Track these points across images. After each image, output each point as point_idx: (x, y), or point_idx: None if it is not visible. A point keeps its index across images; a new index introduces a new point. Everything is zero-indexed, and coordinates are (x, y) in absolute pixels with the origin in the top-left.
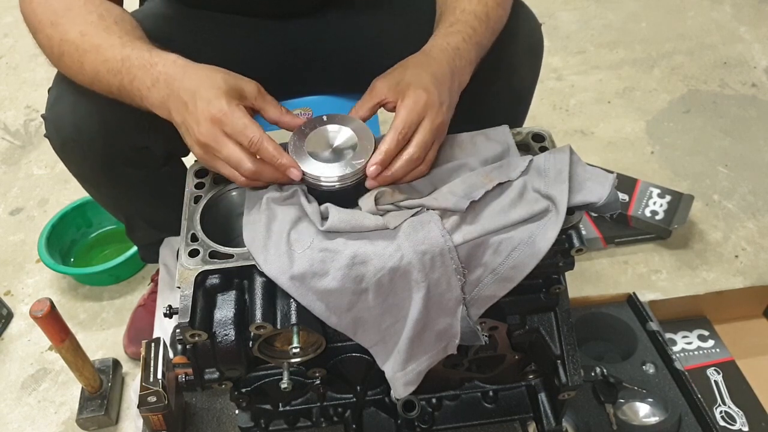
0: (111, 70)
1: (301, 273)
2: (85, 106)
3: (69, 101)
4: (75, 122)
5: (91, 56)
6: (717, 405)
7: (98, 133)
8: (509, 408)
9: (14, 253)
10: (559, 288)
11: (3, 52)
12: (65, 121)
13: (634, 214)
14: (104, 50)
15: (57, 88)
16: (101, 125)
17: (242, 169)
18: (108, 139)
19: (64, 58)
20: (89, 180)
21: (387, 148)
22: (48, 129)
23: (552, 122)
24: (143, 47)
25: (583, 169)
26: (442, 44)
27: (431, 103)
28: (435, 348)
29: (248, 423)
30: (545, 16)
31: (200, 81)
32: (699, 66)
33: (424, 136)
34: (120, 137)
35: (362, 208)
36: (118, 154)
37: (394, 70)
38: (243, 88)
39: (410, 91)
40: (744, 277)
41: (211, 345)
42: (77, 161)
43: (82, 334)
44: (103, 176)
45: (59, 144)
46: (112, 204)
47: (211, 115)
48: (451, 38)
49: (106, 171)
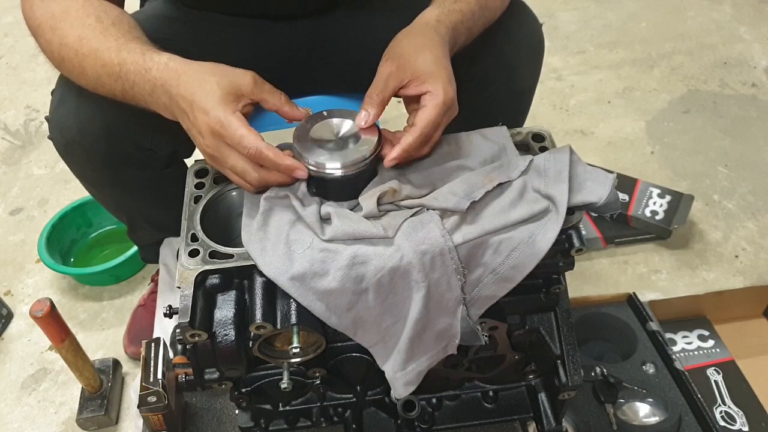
0: (111, 74)
1: (301, 273)
2: (89, 109)
3: (72, 103)
4: (79, 124)
5: (90, 61)
6: (717, 405)
7: (102, 135)
8: (509, 408)
9: (14, 253)
10: (559, 288)
11: (3, 52)
12: (69, 123)
13: (634, 214)
14: (102, 54)
15: (60, 89)
16: (105, 127)
17: (248, 178)
18: (112, 141)
19: (65, 62)
20: (93, 181)
21: (409, 145)
22: (52, 131)
23: (552, 122)
24: (137, 50)
25: (583, 169)
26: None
27: (450, 102)
28: (435, 348)
29: (248, 423)
30: (545, 16)
31: (194, 88)
32: (699, 66)
33: (440, 134)
34: (124, 139)
35: (363, 208)
36: (122, 155)
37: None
38: (238, 84)
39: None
40: (744, 277)
41: (211, 345)
42: (81, 163)
43: (82, 334)
44: (106, 178)
45: (63, 146)
46: (115, 205)
47: (210, 128)
48: (453, 16)
49: (110, 172)
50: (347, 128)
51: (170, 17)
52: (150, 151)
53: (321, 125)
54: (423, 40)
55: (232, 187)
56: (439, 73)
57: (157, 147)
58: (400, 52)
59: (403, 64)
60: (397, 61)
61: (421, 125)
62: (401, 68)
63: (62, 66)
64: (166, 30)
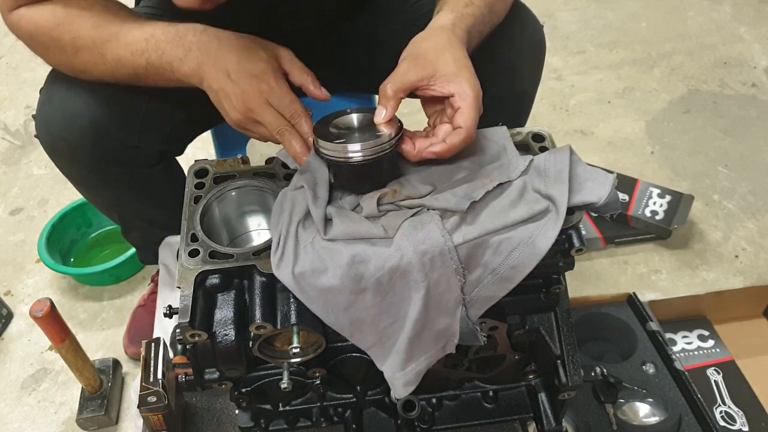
0: (135, 51)
1: (301, 269)
2: (75, 106)
3: (59, 101)
4: (65, 121)
5: (111, 44)
6: (717, 405)
7: (88, 131)
8: (509, 408)
9: (14, 253)
10: (559, 288)
11: (3, 52)
12: (55, 120)
13: (634, 214)
14: (124, 35)
15: (48, 88)
16: (91, 124)
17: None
18: (98, 139)
19: (81, 53)
20: (80, 180)
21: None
22: (38, 129)
23: (552, 122)
24: (165, 23)
25: (583, 169)
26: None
27: (480, 100)
28: (434, 348)
29: (248, 423)
30: (545, 16)
31: (240, 52)
32: (699, 66)
33: None
34: (110, 136)
35: (363, 209)
36: (109, 153)
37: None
38: (279, 54)
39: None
40: (744, 277)
41: (211, 345)
42: (67, 161)
43: (82, 334)
44: (93, 176)
45: (49, 144)
46: (105, 204)
47: (259, 89)
48: (466, 20)
49: (97, 170)
50: (367, 122)
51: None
52: (137, 149)
53: (340, 119)
54: (442, 41)
55: (232, 187)
56: (462, 72)
57: (144, 144)
58: (419, 53)
59: (424, 63)
60: (417, 59)
61: (467, 125)
62: (421, 66)
63: (76, 58)
64: None
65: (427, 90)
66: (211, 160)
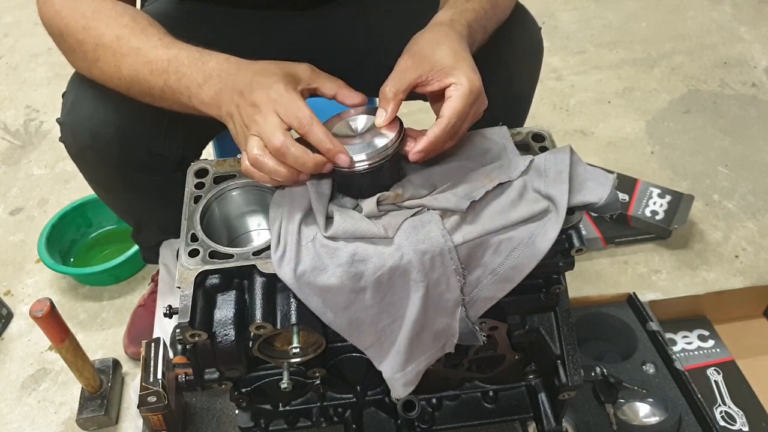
0: (155, 70)
1: (303, 268)
2: (103, 114)
3: (86, 108)
4: (92, 129)
5: (130, 59)
6: (717, 405)
7: (115, 140)
8: (509, 408)
9: (14, 253)
10: (559, 288)
11: (3, 52)
12: (82, 127)
13: (634, 214)
14: (146, 52)
15: (73, 93)
16: (118, 132)
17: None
18: (125, 147)
19: (99, 62)
20: (104, 185)
21: (435, 137)
22: (64, 134)
23: (552, 122)
24: (190, 47)
25: (583, 169)
26: (459, 19)
27: (477, 91)
28: (433, 348)
29: (248, 423)
30: (545, 16)
31: (255, 71)
32: (699, 66)
33: (469, 125)
34: (137, 144)
35: (364, 209)
36: (134, 160)
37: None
38: (296, 72)
39: (455, 77)
40: (744, 277)
41: (211, 345)
42: (93, 167)
43: (82, 334)
44: (117, 182)
45: (76, 150)
46: (124, 208)
47: (268, 98)
48: (467, 15)
49: (121, 177)
50: (368, 125)
51: (172, 17)
52: (161, 156)
53: (341, 125)
54: (439, 36)
55: (232, 187)
56: (459, 64)
57: (167, 152)
58: (416, 49)
59: (421, 58)
60: (414, 56)
61: (448, 115)
62: (418, 62)
63: (95, 66)
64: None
65: (426, 86)
66: (211, 160)
